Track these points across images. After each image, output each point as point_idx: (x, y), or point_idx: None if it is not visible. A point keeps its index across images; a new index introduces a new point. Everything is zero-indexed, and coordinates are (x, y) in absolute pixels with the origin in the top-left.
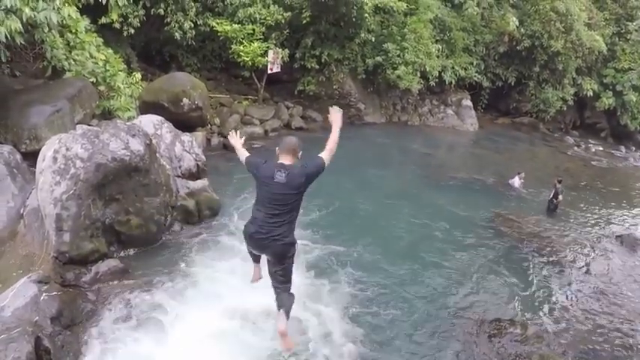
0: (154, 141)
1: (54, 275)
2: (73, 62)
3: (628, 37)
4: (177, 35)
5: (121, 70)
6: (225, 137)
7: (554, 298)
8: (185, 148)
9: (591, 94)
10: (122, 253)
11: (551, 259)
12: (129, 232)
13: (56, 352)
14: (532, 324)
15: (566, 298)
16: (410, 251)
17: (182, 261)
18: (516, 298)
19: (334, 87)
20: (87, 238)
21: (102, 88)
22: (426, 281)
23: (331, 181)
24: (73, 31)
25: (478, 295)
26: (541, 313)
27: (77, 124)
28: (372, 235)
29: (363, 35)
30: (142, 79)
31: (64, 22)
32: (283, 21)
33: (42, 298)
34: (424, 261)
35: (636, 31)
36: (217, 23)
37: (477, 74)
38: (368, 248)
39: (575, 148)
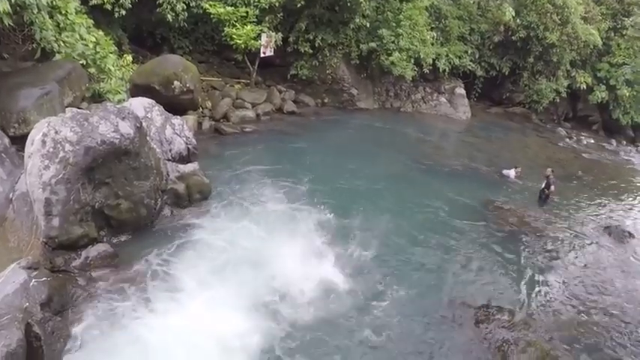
0: (144, 124)
1: (43, 261)
2: (62, 44)
3: (624, 33)
4: (170, 17)
5: (111, 53)
6: (217, 121)
7: (541, 286)
8: (176, 132)
9: (585, 87)
10: (112, 238)
11: (540, 247)
12: (119, 216)
13: (46, 338)
14: (520, 311)
15: (554, 286)
16: (401, 233)
17: (172, 246)
18: (505, 285)
19: (327, 72)
20: (76, 222)
21: (92, 70)
22: (414, 264)
23: (326, 165)
24: (63, 12)
25: (466, 281)
26: (529, 301)
27: (67, 107)
28: (365, 213)
29: (357, 20)
30: (132, 62)
31: (54, 3)
32: (277, 4)
33: (31, 284)
34: (414, 244)
35: (632, 26)
36: (210, 5)
37: (471, 63)
38: (362, 227)
39: (567, 139)
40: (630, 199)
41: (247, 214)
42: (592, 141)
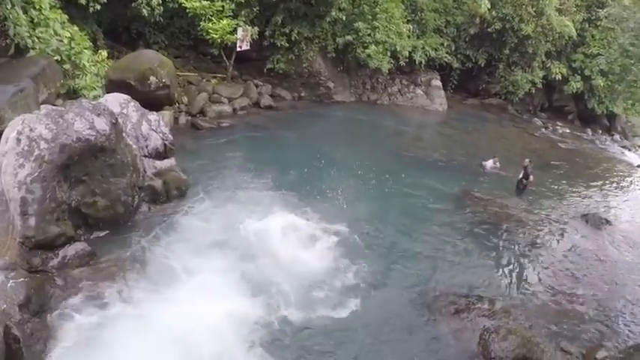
0: (119, 120)
1: (20, 261)
2: (37, 40)
3: (598, 24)
4: (145, 12)
5: (86, 48)
6: (194, 116)
7: (521, 275)
8: (152, 127)
9: (560, 77)
10: (90, 236)
11: (518, 236)
12: (96, 214)
13: (26, 340)
14: (499, 299)
15: (533, 274)
16: (381, 223)
17: (150, 243)
18: (484, 274)
19: (304, 65)
20: (53, 221)
21: (67, 66)
22: (393, 254)
23: (304, 157)
24: (37, 7)
25: (446, 270)
26: (509, 289)
27: (41, 104)
28: (344, 205)
29: (333, 13)
30: (108, 57)
31: None
32: None
33: (9, 285)
34: (393, 233)
35: (606, 17)
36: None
37: (447, 55)
38: (342, 218)
39: (543, 129)
40: (606, 187)
41: (225, 209)
42: (568, 131)
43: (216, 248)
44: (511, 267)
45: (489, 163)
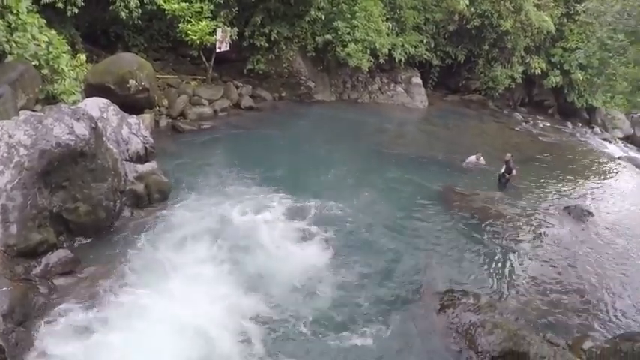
0: (99, 124)
1: (3, 270)
2: (14, 45)
3: (576, 18)
4: (123, 14)
5: (64, 52)
6: (174, 118)
7: (505, 269)
8: (132, 131)
9: (539, 72)
10: (72, 243)
11: (502, 230)
12: (78, 220)
13: (10, 350)
14: (484, 294)
15: (517, 267)
16: (364, 220)
17: (133, 248)
18: (469, 269)
19: (284, 65)
20: (35, 228)
21: (45, 71)
22: (377, 250)
23: (286, 157)
24: (15, 12)
25: (431, 266)
26: (493, 283)
27: (20, 109)
28: (327, 202)
29: (312, 13)
30: (87, 61)
31: (5, 2)
32: None
33: None
34: (377, 230)
35: (584, 12)
36: (164, 1)
37: (427, 52)
38: (325, 214)
39: (524, 124)
40: (588, 179)
41: (207, 211)
42: (548, 124)
43: (200, 249)
44: (495, 261)
45: (472, 159)
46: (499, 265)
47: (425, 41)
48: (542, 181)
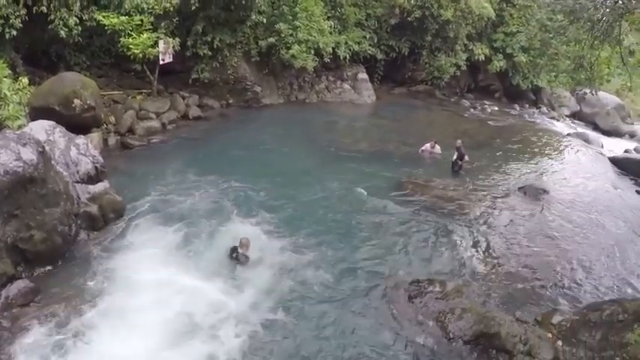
0: (47, 148)
1: None
2: None
3: (515, 3)
4: (63, 33)
5: (5, 77)
6: (123, 135)
7: (468, 253)
8: (81, 152)
9: (483, 58)
10: (31, 272)
11: (460, 216)
12: (34, 248)
13: None
14: (450, 280)
15: (479, 251)
16: (322, 216)
17: (92, 272)
18: (432, 257)
19: (229, 72)
20: None
21: None
22: (337, 246)
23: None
24: None
25: (393, 258)
26: (458, 269)
27: None
28: (286, 203)
29: (254, 17)
30: (29, 84)
31: None
32: (172, 9)
33: None
34: (336, 226)
35: None
36: (104, 16)
37: (370, 47)
38: (286, 215)
39: (472, 110)
40: (539, 157)
41: (163, 226)
42: (496, 108)
43: (158, 267)
44: (458, 247)
45: (427, 147)
46: (461, 250)
47: (368, 37)
48: (495, 164)
